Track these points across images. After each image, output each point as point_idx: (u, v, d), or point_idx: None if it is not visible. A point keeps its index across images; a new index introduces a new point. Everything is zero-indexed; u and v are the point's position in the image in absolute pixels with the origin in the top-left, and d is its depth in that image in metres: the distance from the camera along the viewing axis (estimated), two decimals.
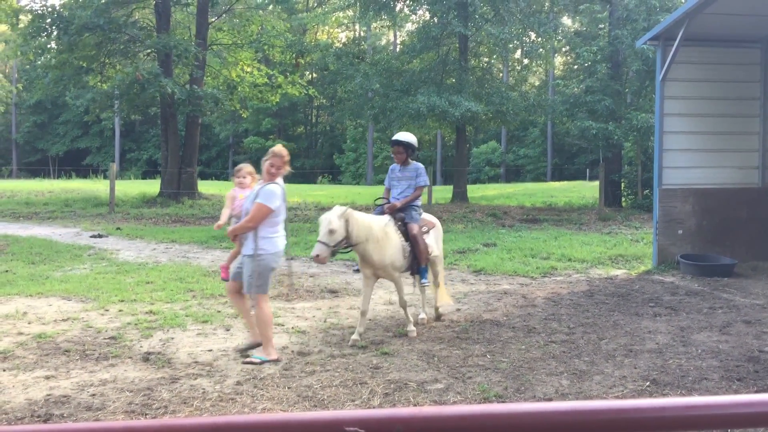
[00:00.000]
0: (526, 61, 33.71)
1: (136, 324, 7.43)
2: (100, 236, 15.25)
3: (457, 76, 23.36)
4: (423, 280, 7.43)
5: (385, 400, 5.20)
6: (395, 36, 50.86)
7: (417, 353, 6.43)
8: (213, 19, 25.37)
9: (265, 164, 6.25)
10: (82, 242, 14.35)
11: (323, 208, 21.67)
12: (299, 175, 52.64)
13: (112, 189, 21.08)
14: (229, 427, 1.14)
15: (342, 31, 56.20)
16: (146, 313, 7.98)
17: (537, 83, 46.38)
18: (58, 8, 22.74)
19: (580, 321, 7.71)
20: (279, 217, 6.22)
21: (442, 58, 24.21)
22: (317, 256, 6.45)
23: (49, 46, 23.87)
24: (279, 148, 6.36)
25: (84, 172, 44.56)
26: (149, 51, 23.80)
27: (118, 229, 16.57)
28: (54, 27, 22.07)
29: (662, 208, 11.44)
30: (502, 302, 8.78)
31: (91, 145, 58.31)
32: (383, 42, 56.65)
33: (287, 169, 6.34)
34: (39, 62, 27.07)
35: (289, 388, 5.44)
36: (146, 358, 6.25)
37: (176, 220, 19.16)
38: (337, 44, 38.49)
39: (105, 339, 6.87)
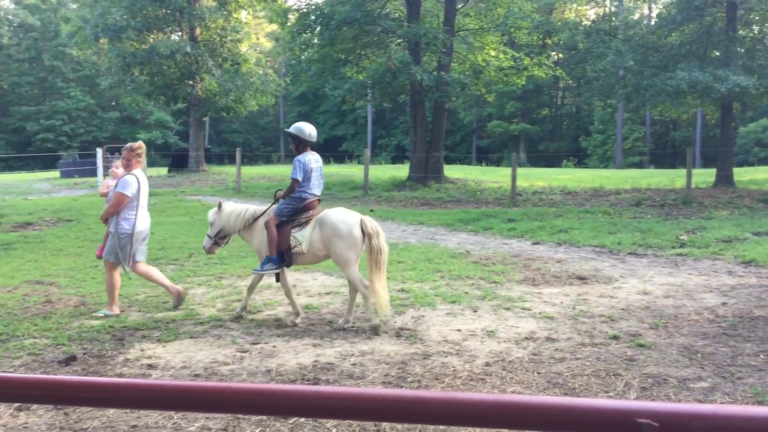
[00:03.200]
0: None
1: (390, 300, 7.83)
2: None
3: (724, 47, 21.20)
4: (256, 268, 7.26)
5: (642, 395, 4.91)
6: (650, 9, 47.52)
7: (677, 348, 5.98)
8: (460, 6, 25.72)
9: (122, 157, 7.65)
10: None
11: (569, 193, 21.05)
12: (543, 159, 51.70)
13: (366, 173, 22.43)
14: (516, 407, 1.14)
15: (591, 8, 53.83)
16: (398, 290, 8.38)
17: None
18: (321, 5, 24.65)
19: None
20: (135, 202, 7.38)
21: (705, 29, 22.11)
22: (204, 247, 7.63)
23: (313, 41, 25.95)
24: (135, 143, 7.64)
25: (341, 158, 47.96)
26: (400, 41, 24.82)
27: (371, 210, 17.59)
28: (317, 23, 23.98)
29: None
30: None
31: (346, 132, 62.67)
32: (636, 16, 53.22)
33: (140, 161, 7.58)
34: (303, 57, 29.52)
35: (538, 373, 5.37)
36: (399, 333, 6.56)
37: (424, 203, 19.86)
38: (586, 22, 36.96)
39: (362, 313, 7.34)
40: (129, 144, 7.67)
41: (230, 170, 28.89)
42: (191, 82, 32.86)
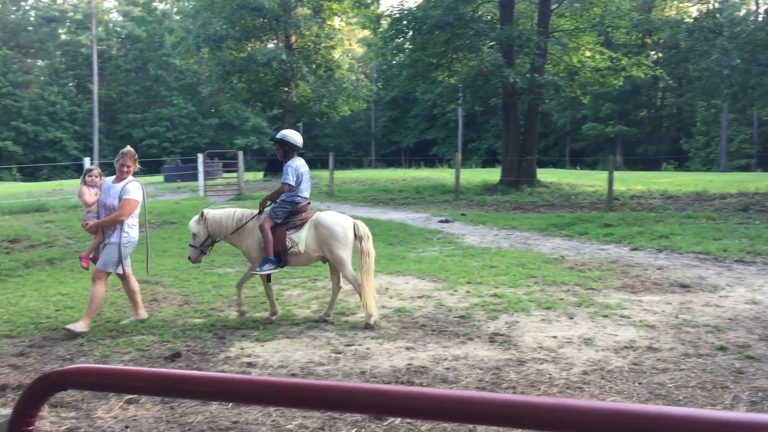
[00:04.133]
0: None
1: (482, 305, 7.78)
2: (447, 221, 16.28)
3: None
4: (255, 269, 7.30)
5: (751, 410, 4.66)
6: (757, 4, 45.13)
7: None
8: (555, 6, 25.23)
9: (117, 164, 7.20)
10: (432, 226, 15.47)
11: (669, 197, 20.23)
12: (641, 162, 49.87)
13: (457, 177, 22.34)
14: (631, 416, 1.10)
15: (693, 5, 51.59)
16: (491, 295, 8.30)
17: None
18: (413, 10, 24.76)
19: None
20: (138, 209, 7.19)
21: None
22: (189, 258, 7.53)
23: (404, 46, 26.10)
24: (129, 149, 7.27)
25: (431, 162, 47.96)
26: (493, 43, 24.60)
27: (462, 215, 17.51)
28: (409, 28, 24.10)
29: None
30: None
31: (437, 136, 62.62)
32: (742, 12, 50.64)
33: (137, 167, 7.30)
34: (395, 62, 29.74)
35: (639, 383, 5.19)
36: (492, 339, 6.49)
37: (516, 207, 19.58)
38: (688, 19, 35.44)
39: (455, 317, 7.31)
40: (128, 149, 7.30)
41: (323, 174, 29.42)
42: (286, 89, 33.72)
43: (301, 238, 7.22)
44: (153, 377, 1.48)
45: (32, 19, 71.72)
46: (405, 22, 24.62)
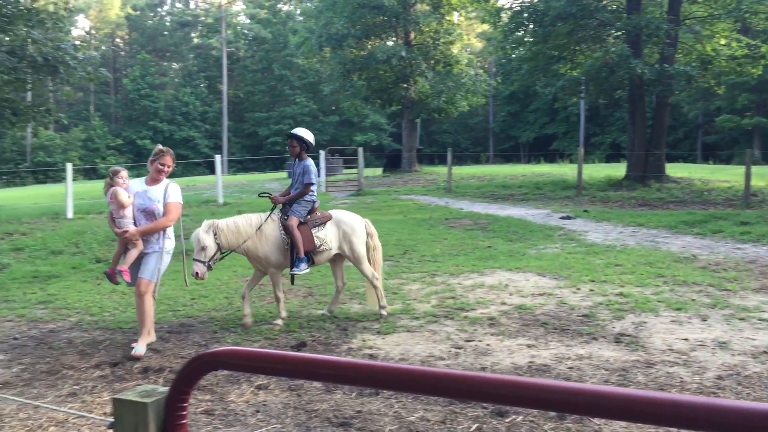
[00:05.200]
0: None
1: (607, 305, 7.54)
2: (568, 218, 15.87)
3: None
4: (293, 269, 7.11)
5: None
6: None
7: None
8: None
9: (155, 163, 6.43)
10: (553, 223, 15.13)
11: None
12: None
13: (579, 173, 21.71)
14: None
15: None
16: (616, 294, 8.03)
17: None
18: (534, 2, 24.28)
19: None
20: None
21: None
22: (197, 274, 6.76)
23: (525, 39, 25.64)
24: (164, 147, 6.57)
25: (551, 157, 46.84)
26: (618, 33, 23.69)
27: (585, 211, 17.00)
28: (530, 21, 23.64)
29: None
30: None
31: (557, 130, 61.02)
32: None
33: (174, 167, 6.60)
34: (514, 55, 29.27)
35: None
36: (618, 339, 6.28)
37: (643, 203, 18.78)
38: None
39: (578, 316, 7.13)
40: (166, 148, 6.58)
41: (441, 170, 29.46)
42: (405, 85, 34.01)
43: (328, 236, 7.29)
44: (293, 361, 1.56)
45: (168, 24, 76.39)
46: (526, 15, 24.17)
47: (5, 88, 17.25)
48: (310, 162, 7.43)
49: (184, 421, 1.62)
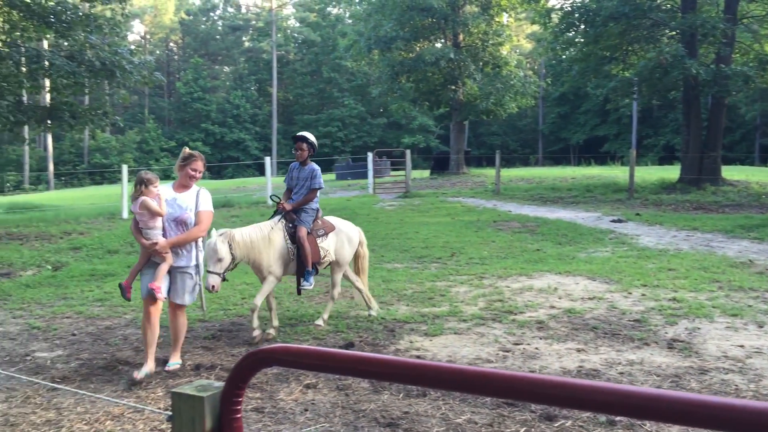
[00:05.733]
0: None
1: (659, 310, 7.39)
2: (619, 221, 15.60)
3: None
4: (304, 283, 7.00)
5: None
6: None
7: None
8: None
9: (186, 169, 6.00)
10: (603, 226, 14.89)
11: None
12: None
13: (631, 175, 21.31)
14: None
15: None
16: (669, 299, 7.87)
17: None
18: (586, 2, 23.94)
19: None
20: None
21: None
22: (213, 287, 6.27)
23: (576, 40, 25.30)
24: (192, 151, 6.17)
25: (602, 159, 46.05)
26: (673, 33, 23.19)
27: (637, 214, 16.69)
28: (581, 21, 23.32)
29: None
30: None
31: (608, 132, 59.96)
32: None
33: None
34: (565, 56, 28.91)
35: None
36: (671, 345, 6.16)
37: (697, 207, 18.34)
38: None
39: (629, 321, 7.01)
40: (197, 152, 6.21)
41: (489, 172, 29.27)
42: (453, 87, 33.87)
43: (330, 246, 7.24)
44: (344, 358, 1.59)
45: (219, 28, 77.82)
46: (577, 15, 23.85)
47: (64, 91, 17.83)
48: (316, 166, 7.30)
49: (238, 416, 1.67)
